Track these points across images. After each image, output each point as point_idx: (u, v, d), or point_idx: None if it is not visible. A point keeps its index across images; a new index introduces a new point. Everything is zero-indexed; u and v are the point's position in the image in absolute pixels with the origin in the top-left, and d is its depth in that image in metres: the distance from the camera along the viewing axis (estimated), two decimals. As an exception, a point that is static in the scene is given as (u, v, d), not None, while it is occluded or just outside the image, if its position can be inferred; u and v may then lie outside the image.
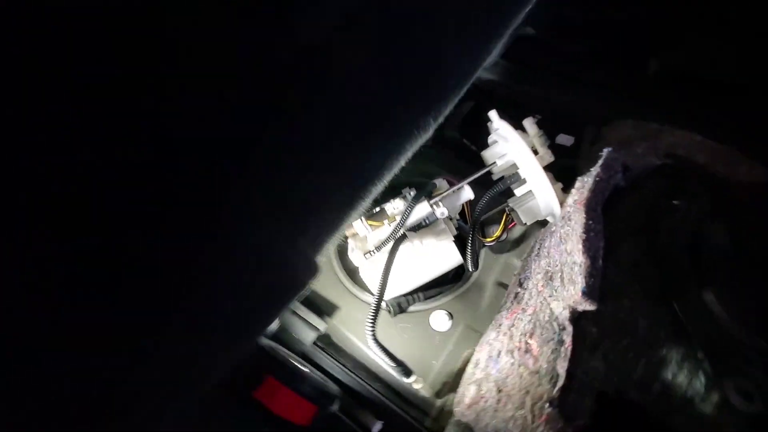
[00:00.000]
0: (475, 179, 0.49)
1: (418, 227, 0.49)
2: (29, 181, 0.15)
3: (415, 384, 0.44)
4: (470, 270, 0.50)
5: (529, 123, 0.47)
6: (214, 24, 0.18)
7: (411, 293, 0.50)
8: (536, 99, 0.61)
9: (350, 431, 0.38)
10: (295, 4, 0.20)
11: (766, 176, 0.45)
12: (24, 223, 0.16)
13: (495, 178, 0.50)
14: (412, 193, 0.49)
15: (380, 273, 0.46)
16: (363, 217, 0.48)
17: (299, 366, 0.38)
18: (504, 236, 0.53)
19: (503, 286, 0.51)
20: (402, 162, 0.30)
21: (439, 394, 0.45)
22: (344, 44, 0.22)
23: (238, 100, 0.19)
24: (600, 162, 0.44)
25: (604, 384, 0.37)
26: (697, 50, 0.57)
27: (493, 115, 0.49)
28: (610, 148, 0.45)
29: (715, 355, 0.36)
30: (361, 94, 0.24)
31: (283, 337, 0.45)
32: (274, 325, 0.43)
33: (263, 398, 0.31)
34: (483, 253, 0.53)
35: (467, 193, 0.49)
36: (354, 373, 0.43)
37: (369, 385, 0.43)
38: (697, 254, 0.41)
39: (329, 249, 0.48)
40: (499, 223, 0.52)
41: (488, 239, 0.51)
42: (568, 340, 0.37)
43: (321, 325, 0.47)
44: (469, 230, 0.50)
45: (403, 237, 0.47)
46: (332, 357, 0.45)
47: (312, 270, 0.25)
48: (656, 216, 0.43)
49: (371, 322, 0.44)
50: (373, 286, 0.48)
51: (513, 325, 0.41)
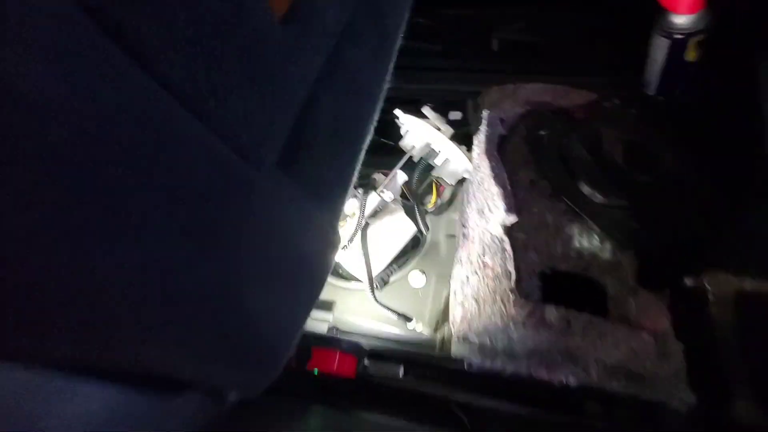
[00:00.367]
0: (403, 165, 0.62)
1: (374, 215, 0.61)
2: None
3: (417, 327, 0.55)
4: (424, 233, 0.63)
5: (427, 110, 0.61)
6: None
7: (387, 267, 0.62)
8: (424, 92, 0.76)
9: (383, 376, 0.48)
10: None
11: (590, 96, 0.64)
12: None
13: (416, 159, 0.64)
14: (361, 191, 0.60)
15: (361, 259, 0.57)
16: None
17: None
18: (439, 201, 0.67)
19: (452, 236, 0.64)
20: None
21: (436, 330, 0.57)
22: None
23: None
24: (484, 122, 0.60)
25: (541, 266, 0.51)
26: (521, 27, 0.77)
27: (399, 112, 0.63)
28: (488, 111, 0.61)
29: (596, 219, 0.52)
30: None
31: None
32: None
33: (317, 364, 0.41)
34: (428, 218, 0.66)
35: (401, 177, 0.62)
36: (371, 338, 0.54)
37: (385, 341, 0.53)
38: (567, 163, 0.58)
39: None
40: (433, 192, 0.66)
41: (429, 206, 0.65)
42: (508, 247, 0.52)
43: (329, 317, 0.56)
44: (413, 204, 0.63)
45: (367, 225, 0.59)
46: (347, 335, 0.55)
47: (337, 240, 0.35)
48: (533, 146, 0.60)
49: (371, 291, 0.55)
50: (357, 272, 0.59)
51: (469, 255, 0.54)
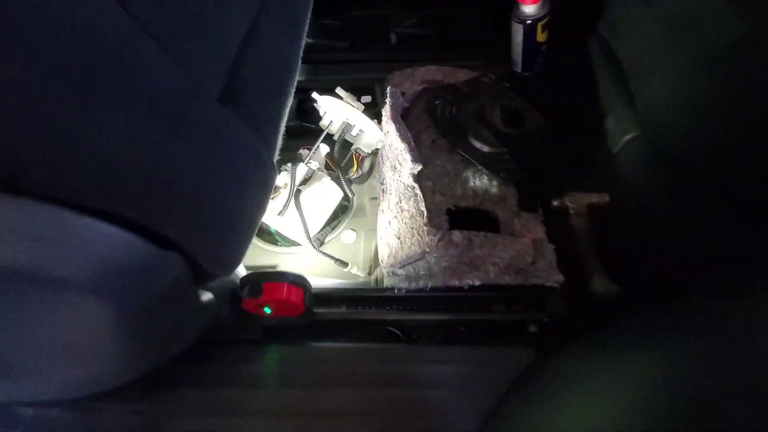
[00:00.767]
0: (324, 141, 0.72)
1: (305, 183, 0.69)
2: None
3: (353, 270, 0.64)
4: (350, 197, 0.72)
5: (340, 90, 0.72)
6: None
7: (322, 229, 0.70)
8: (337, 81, 0.86)
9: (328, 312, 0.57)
10: None
11: (472, 74, 0.79)
12: None
13: (335, 135, 0.74)
14: (290, 165, 0.68)
15: (298, 223, 0.65)
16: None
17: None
18: (360, 171, 0.77)
19: (375, 199, 0.75)
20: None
21: (370, 274, 0.66)
22: None
23: None
24: (389, 97, 0.71)
25: (446, 205, 0.63)
26: (413, 23, 0.91)
27: (315, 95, 0.73)
28: (391, 88, 0.73)
29: (485, 164, 0.66)
30: None
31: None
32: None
33: (268, 295, 0.48)
34: (354, 187, 0.76)
35: (323, 149, 0.71)
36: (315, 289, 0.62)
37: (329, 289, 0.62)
38: (458, 125, 0.71)
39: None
40: (354, 162, 0.75)
41: (352, 174, 0.75)
42: (419, 192, 0.63)
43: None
44: (337, 173, 0.72)
45: (299, 192, 0.67)
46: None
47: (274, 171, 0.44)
48: (431, 113, 0.72)
49: (311, 243, 0.63)
50: (296, 236, 0.67)
51: (389, 204, 0.65)
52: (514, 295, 0.59)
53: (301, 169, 0.68)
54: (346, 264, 0.64)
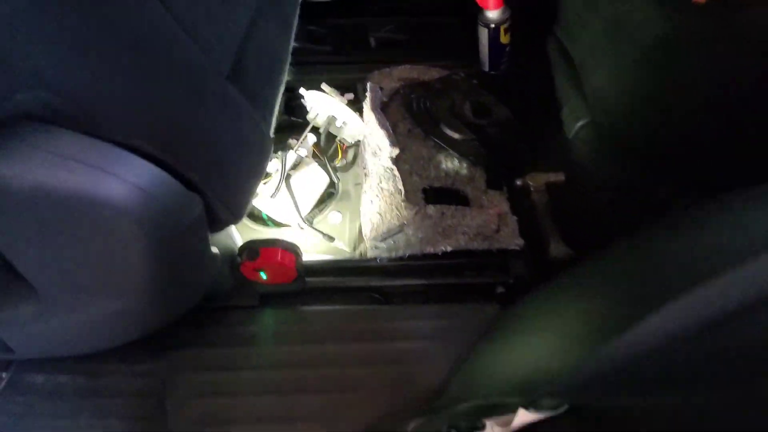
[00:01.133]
0: (310, 131, 0.79)
1: (294, 168, 0.76)
2: None
3: (339, 244, 0.71)
4: (336, 182, 0.79)
5: (324, 86, 0.79)
6: None
7: (311, 211, 0.77)
8: (324, 80, 0.94)
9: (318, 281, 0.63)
10: None
11: (444, 72, 0.88)
12: None
13: (321, 127, 0.81)
14: (280, 153, 0.75)
15: (289, 204, 0.72)
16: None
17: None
18: (344, 160, 0.84)
19: (358, 184, 0.82)
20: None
21: (354, 249, 0.73)
22: None
23: None
24: (369, 92, 0.79)
25: (422, 185, 0.71)
26: (391, 28, 1.00)
27: (302, 90, 0.80)
28: (371, 83, 0.81)
29: (456, 149, 0.74)
30: None
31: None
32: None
33: (264, 259, 0.54)
34: (339, 174, 0.83)
35: (311, 138, 0.78)
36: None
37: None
38: (432, 116, 0.79)
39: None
40: (338, 151, 0.83)
41: (337, 162, 0.82)
42: (397, 173, 0.71)
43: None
44: (324, 161, 0.79)
45: (289, 176, 0.74)
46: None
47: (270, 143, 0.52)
48: (407, 106, 0.80)
49: (302, 219, 0.69)
50: (287, 217, 0.73)
51: (370, 185, 0.72)
52: (483, 261, 0.67)
53: (291, 156, 0.75)
54: (332, 238, 0.71)
